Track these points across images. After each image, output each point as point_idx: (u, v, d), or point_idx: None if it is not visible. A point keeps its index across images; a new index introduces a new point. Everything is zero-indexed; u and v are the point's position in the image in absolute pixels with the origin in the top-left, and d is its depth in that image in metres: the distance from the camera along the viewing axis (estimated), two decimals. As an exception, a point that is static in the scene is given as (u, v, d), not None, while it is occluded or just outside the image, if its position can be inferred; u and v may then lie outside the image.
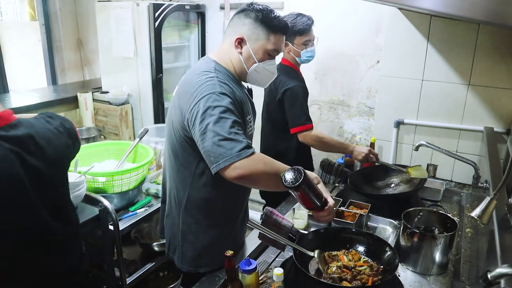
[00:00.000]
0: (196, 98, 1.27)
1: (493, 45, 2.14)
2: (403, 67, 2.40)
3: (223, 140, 1.20)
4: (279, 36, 1.41)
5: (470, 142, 2.34)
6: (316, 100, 2.90)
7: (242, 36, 1.39)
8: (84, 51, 3.89)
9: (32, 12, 4.33)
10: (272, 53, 1.43)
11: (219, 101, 1.25)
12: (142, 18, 2.90)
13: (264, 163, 1.25)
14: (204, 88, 1.28)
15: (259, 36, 1.39)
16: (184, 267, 1.53)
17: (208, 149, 1.22)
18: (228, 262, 1.22)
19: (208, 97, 1.26)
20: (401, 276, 1.48)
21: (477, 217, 1.22)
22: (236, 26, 1.41)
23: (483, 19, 1.10)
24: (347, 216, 1.76)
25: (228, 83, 1.35)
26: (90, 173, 1.79)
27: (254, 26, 1.38)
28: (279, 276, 1.18)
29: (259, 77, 1.45)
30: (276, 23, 1.39)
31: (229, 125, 1.22)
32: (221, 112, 1.23)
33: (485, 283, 0.95)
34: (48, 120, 1.23)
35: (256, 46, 1.40)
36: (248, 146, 1.22)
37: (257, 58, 1.40)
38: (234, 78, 1.43)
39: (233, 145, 1.20)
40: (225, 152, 1.20)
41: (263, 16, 1.37)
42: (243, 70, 1.43)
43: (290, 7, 2.78)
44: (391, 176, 2.17)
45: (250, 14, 1.39)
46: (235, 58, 1.42)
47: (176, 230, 1.52)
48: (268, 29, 1.38)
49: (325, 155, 2.70)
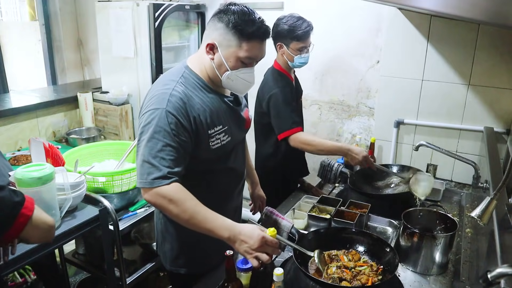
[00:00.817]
0: (145, 108, 1.28)
1: (493, 45, 2.14)
2: (403, 67, 2.40)
3: (145, 162, 1.22)
4: (254, 43, 1.29)
5: (470, 142, 2.34)
6: (316, 100, 2.90)
7: (213, 42, 1.30)
8: (84, 51, 3.89)
9: (32, 12, 4.34)
10: (246, 61, 1.31)
11: (158, 119, 1.23)
12: (142, 18, 2.90)
13: (170, 200, 1.21)
14: (153, 101, 1.27)
15: (230, 42, 1.28)
16: (167, 266, 1.56)
17: (136, 163, 1.27)
18: (228, 262, 1.22)
19: (151, 112, 1.25)
20: (401, 276, 1.48)
21: (477, 217, 1.22)
22: (209, 30, 1.33)
23: (483, 19, 1.10)
24: (347, 216, 1.76)
25: (191, 96, 1.30)
26: (90, 173, 1.79)
27: (225, 32, 1.27)
28: (279, 276, 1.18)
29: (233, 85, 1.36)
30: (250, 29, 1.26)
31: (158, 148, 1.22)
32: (155, 132, 1.22)
33: (485, 283, 0.95)
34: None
35: (228, 53, 1.29)
36: (164, 177, 1.20)
37: (229, 65, 1.31)
38: (206, 86, 1.37)
39: (151, 170, 1.21)
40: (142, 175, 1.23)
41: (236, 21, 1.25)
42: (216, 77, 1.35)
43: (290, 7, 2.78)
44: (391, 176, 2.17)
45: (223, 18, 1.28)
46: (208, 64, 1.35)
47: (158, 229, 1.56)
48: (240, 36, 1.26)
49: (324, 156, 2.70)
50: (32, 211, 1.00)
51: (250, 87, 1.40)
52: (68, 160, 1.90)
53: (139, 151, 1.26)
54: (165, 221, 1.51)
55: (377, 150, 2.59)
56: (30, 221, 0.99)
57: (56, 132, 3.08)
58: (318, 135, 2.96)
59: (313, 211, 1.81)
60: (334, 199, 1.93)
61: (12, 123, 2.77)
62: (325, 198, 1.96)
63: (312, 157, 3.02)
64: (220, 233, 1.21)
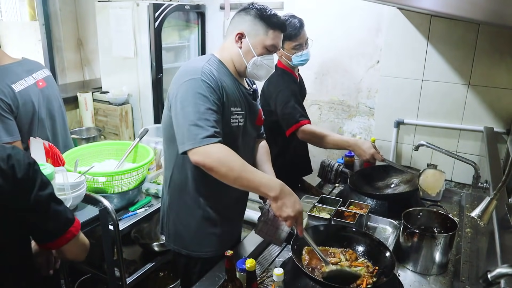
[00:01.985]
0: (179, 81, 1.38)
1: (493, 45, 2.14)
2: (403, 67, 2.40)
3: (192, 125, 1.29)
4: (277, 32, 1.48)
5: (470, 142, 2.34)
6: (316, 100, 2.90)
7: (242, 32, 1.46)
8: (84, 51, 3.89)
9: (32, 12, 4.33)
10: (271, 49, 1.49)
11: (197, 87, 1.33)
12: (142, 18, 2.90)
13: (219, 158, 1.28)
14: (188, 74, 1.37)
15: (258, 31, 1.45)
16: (170, 245, 1.62)
17: (178, 130, 1.34)
18: (228, 262, 1.22)
19: (189, 81, 1.34)
20: (401, 276, 1.48)
21: (477, 217, 1.22)
22: (236, 23, 1.48)
23: (483, 19, 1.10)
24: (347, 216, 1.76)
25: (218, 75, 1.41)
26: (90, 173, 1.79)
27: (254, 22, 1.45)
28: (279, 276, 1.18)
29: (257, 70, 1.50)
30: (274, 20, 1.46)
31: (201, 111, 1.30)
32: (195, 98, 1.31)
33: (485, 283, 0.95)
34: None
35: (255, 41, 1.46)
36: (212, 135, 1.28)
37: (256, 52, 1.47)
38: (231, 74, 1.49)
39: (199, 131, 1.28)
40: (190, 137, 1.29)
41: (262, 14, 1.45)
42: (243, 64, 1.48)
43: (290, 7, 2.78)
44: (391, 176, 2.17)
45: (250, 12, 1.46)
46: (235, 53, 1.48)
47: (165, 208, 1.62)
48: (266, 25, 1.45)
49: (325, 155, 2.70)
50: (78, 231, 1.12)
51: (271, 72, 1.55)
52: (68, 160, 1.90)
53: (180, 117, 1.32)
54: (170, 202, 1.58)
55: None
56: (74, 239, 1.11)
57: (56, 132, 3.08)
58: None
59: (313, 211, 1.81)
60: (334, 199, 1.93)
61: (12, 123, 2.76)
62: (325, 198, 1.96)
63: (312, 157, 3.02)
64: (266, 190, 1.30)
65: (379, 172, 2.19)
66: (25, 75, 1.89)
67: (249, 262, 1.22)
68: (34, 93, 1.90)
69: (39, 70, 2.01)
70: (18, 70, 1.88)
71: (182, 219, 1.57)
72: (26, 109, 1.86)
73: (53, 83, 2.09)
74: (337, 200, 1.89)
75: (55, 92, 2.08)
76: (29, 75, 1.92)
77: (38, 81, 1.96)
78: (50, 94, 2.02)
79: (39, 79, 1.97)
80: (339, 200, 1.89)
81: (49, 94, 2.01)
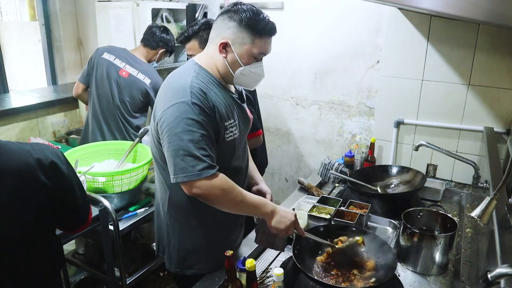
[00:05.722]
0: (167, 103, 1.27)
1: (493, 45, 2.14)
2: (403, 67, 2.40)
3: (186, 156, 1.22)
4: (265, 38, 1.35)
5: (470, 142, 2.34)
6: (316, 100, 2.90)
7: (226, 41, 1.32)
8: (84, 51, 3.88)
9: (32, 12, 4.34)
10: (259, 57, 1.37)
11: (188, 112, 1.24)
12: (142, 18, 2.90)
13: (222, 189, 1.26)
14: (176, 95, 1.27)
15: (244, 40, 1.32)
16: (172, 268, 1.52)
17: (170, 159, 1.25)
18: (228, 262, 1.22)
19: (178, 106, 1.24)
20: (401, 276, 1.48)
21: (477, 217, 1.23)
22: (220, 29, 1.35)
23: (483, 19, 1.10)
24: (347, 216, 1.76)
25: (207, 89, 1.32)
26: (90, 173, 1.79)
27: (239, 30, 1.31)
28: (279, 276, 1.18)
29: (245, 80, 1.40)
30: (262, 26, 1.32)
31: (195, 139, 1.23)
32: (188, 125, 1.23)
33: (485, 283, 0.95)
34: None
35: (241, 51, 1.33)
36: (210, 166, 1.24)
37: (243, 62, 1.35)
38: (218, 82, 1.39)
39: (195, 162, 1.22)
40: (186, 168, 1.22)
41: (248, 19, 1.30)
42: (229, 74, 1.38)
43: (290, 7, 2.78)
44: (391, 176, 2.17)
45: (234, 17, 1.31)
46: (220, 63, 1.37)
47: (163, 231, 1.51)
48: (253, 33, 1.31)
49: (325, 155, 2.70)
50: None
51: (260, 80, 1.44)
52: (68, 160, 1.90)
53: (173, 146, 1.24)
54: (171, 224, 1.47)
55: (377, 150, 2.59)
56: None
57: (56, 132, 3.08)
58: (318, 135, 2.96)
59: (313, 211, 1.81)
60: (334, 199, 1.93)
61: (12, 123, 2.77)
62: (325, 198, 1.96)
63: (313, 157, 3.02)
64: (264, 210, 1.35)
65: (378, 172, 2.19)
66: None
67: (249, 262, 1.22)
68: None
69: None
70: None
71: (187, 241, 1.47)
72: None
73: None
74: (337, 200, 1.90)
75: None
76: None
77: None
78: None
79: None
80: (339, 200, 1.89)
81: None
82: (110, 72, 2.55)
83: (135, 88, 2.55)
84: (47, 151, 1.17)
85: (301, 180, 2.25)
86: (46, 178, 1.14)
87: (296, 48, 2.81)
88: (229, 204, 1.31)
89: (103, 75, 2.55)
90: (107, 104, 2.57)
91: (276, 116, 3.08)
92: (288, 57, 2.86)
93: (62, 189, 1.21)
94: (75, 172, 1.30)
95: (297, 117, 3.00)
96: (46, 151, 1.17)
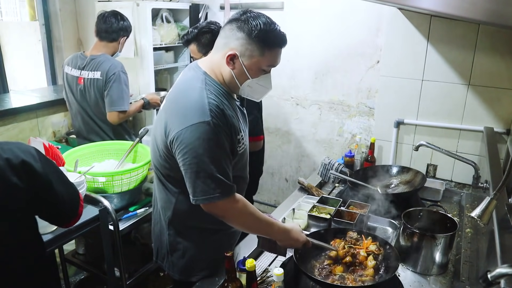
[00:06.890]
0: (185, 122, 1.20)
1: (493, 45, 2.14)
2: (403, 67, 2.40)
3: (208, 178, 1.20)
4: (275, 51, 1.29)
5: (470, 142, 2.34)
6: (316, 100, 2.90)
7: (234, 52, 1.25)
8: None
9: (32, 12, 4.33)
10: (268, 69, 1.32)
11: (209, 133, 1.19)
12: (142, 18, 2.90)
13: (240, 212, 1.28)
14: (195, 114, 1.20)
15: (253, 52, 1.25)
16: (175, 275, 1.49)
17: (190, 181, 1.22)
18: (228, 262, 1.22)
19: (198, 126, 1.19)
20: (401, 276, 1.48)
21: (477, 217, 1.22)
22: (228, 39, 1.27)
23: (483, 19, 1.10)
24: (347, 216, 1.76)
25: (222, 104, 1.26)
26: (90, 173, 1.79)
27: (248, 42, 1.24)
28: (279, 276, 1.18)
29: (252, 92, 1.35)
30: (272, 38, 1.25)
31: (217, 159, 1.21)
32: (210, 146, 1.19)
33: (485, 283, 0.95)
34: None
35: (250, 63, 1.27)
36: (230, 187, 1.24)
37: (251, 74, 1.29)
38: (225, 91, 1.33)
39: (216, 185, 1.21)
40: (207, 191, 1.21)
41: (258, 31, 1.23)
42: (235, 85, 1.32)
43: (290, 7, 2.78)
44: (391, 176, 2.17)
45: (243, 27, 1.24)
46: (226, 73, 1.30)
47: (164, 240, 1.47)
48: (263, 45, 1.25)
49: (325, 155, 2.70)
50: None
51: (267, 92, 1.39)
52: (68, 160, 1.90)
53: (193, 168, 1.20)
54: (174, 233, 1.44)
55: (377, 150, 2.59)
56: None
57: (56, 132, 3.08)
58: (318, 135, 2.96)
59: (313, 211, 1.81)
60: (334, 199, 1.93)
61: (12, 123, 2.77)
62: (325, 198, 1.96)
63: (313, 157, 3.02)
64: (276, 235, 1.36)
65: (378, 172, 2.19)
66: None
67: (249, 262, 1.22)
68: None
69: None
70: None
71: (194, 250, 1.45)
72: None
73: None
74: (337, 200, 1.90)
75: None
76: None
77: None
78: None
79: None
80: (339, 200, 1.89)
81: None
82: (71, 86, 2.50)
83: (92, 91, 2.43)
84: (17, 150, 1.09)
85: (301, 180, 2.25)
86: (18, 179, 1.06)
87: (296, 48, 2.81)
88: (250, 225, 1.34)
89: (68, 91, 2.54)
90: (82, 120, 2.53)
91: (276, 116, 3.08)
92: (288, 57, 2.86)
93: (39, 188, 1.13)
94: (54, 167, 1.21)
95: (297, 117, 3.00)
96: (16, 150, 1.09)
